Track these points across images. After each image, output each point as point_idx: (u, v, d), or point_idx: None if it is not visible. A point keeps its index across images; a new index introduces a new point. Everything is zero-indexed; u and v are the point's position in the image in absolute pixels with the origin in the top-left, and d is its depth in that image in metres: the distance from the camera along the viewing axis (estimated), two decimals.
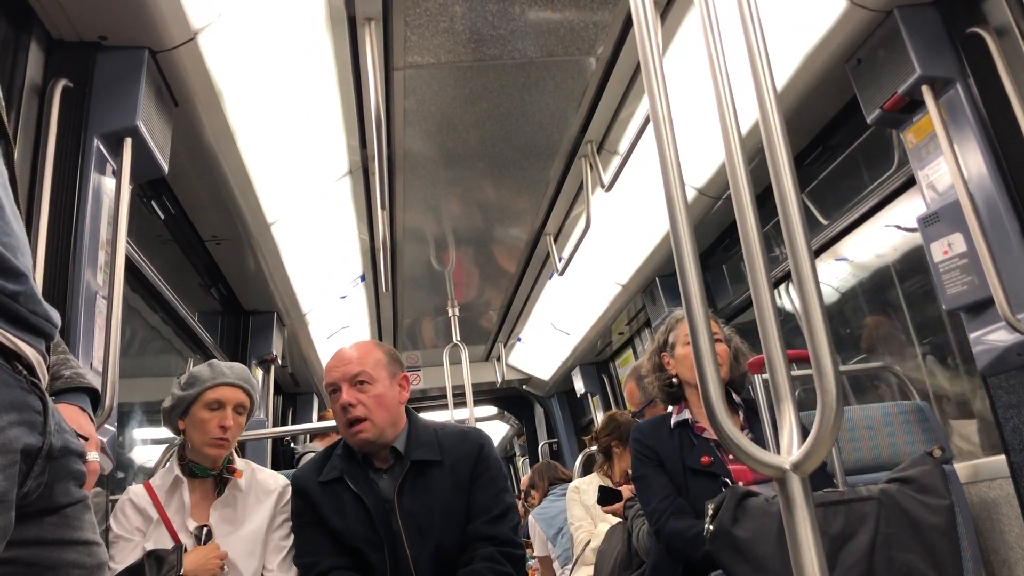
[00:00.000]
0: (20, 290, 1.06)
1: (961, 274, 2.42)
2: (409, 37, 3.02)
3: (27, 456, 1.05)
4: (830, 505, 2.14)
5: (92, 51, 2.32)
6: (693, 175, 3.77)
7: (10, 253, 1.05)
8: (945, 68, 2.44)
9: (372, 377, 2.34)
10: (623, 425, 3.78)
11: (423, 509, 2.28)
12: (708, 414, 1.08)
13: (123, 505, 2.35)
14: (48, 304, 1.15)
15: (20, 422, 1.04)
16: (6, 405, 1.02)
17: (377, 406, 2.33)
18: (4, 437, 1.00)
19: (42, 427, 1.08)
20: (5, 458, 0.99)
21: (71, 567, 1.13)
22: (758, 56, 1.14)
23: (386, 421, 2.34)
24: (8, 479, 1.00)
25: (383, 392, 2.35)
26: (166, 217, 3.36)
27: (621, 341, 6.76)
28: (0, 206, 1.07)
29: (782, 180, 1.08)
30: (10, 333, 1.05)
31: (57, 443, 1.12)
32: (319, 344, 5.68)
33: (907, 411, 2.85)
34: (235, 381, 2.40)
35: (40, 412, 1.09)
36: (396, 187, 4.21)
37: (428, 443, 2.38)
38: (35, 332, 1.11)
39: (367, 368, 2.35)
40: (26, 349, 1.08)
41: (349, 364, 2.37)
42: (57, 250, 2.12)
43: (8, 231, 1.07)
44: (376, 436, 2.33)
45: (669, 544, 2.40)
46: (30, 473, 1.06)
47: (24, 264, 1.08)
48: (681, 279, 1.13)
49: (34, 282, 1.11)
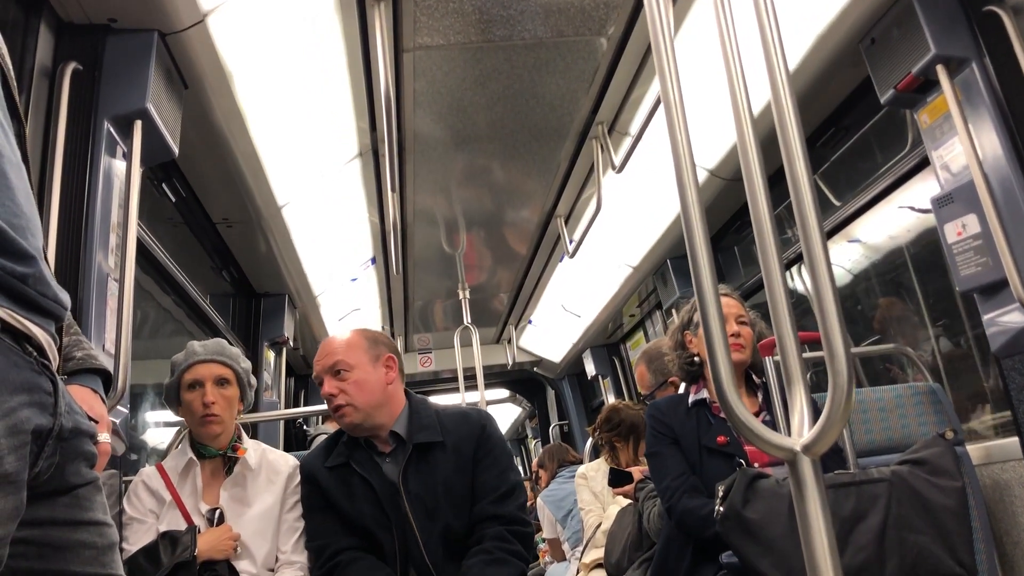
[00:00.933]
0: (29, 272, 1.06)
1: (975, 255, 2.40)
2: (419, 18, 3.00)
3: (38, 437, 1.06)
4: (841, 487, 2.14)
5: (101, 34, 2.32)
6: (705, 156, 3.74)
7: (19, 235, 1.05)
8: (960, 47, 2.41)
9: (349, 364, 2.37)
10: (624, 421, 3.71)
11: (428, 491, 2.30)
12: (718, 394, 1.08)
13: (136, 487, 2.37)
14: (59, 286, 1.15)
15: (30, 403, 1.04)
16: (16, 386, 1.02)
17: (358, 391, 2.35)
18: (15, 418, 1.01)
19: (52, 408, 1.09)
20: (16, 439, 1.00)
21: (83, 547, 1.14)
22: (770, 36, 1.13)
23: (369, 404, 2.35)
24: (20, 459, 1.01)
25: (363, 377, 2.37)
26: (177, 200, 3.36)
27: (632, 323, 6.75)
28: (10, 186, 1.07)
29: (794, 162, 1.07)
30: (19, 315, 1.05)
31: (68, 424, 1.12)
32: (330, 326, 5.69)
33: (919, 393, 2.84)
34: (207, 356, 2.41)
35: (50, 393, 1.09)
36: (406, 169, 4.20)
37: (430, 426, 2.39)
38: (45, 314, 1.11)
39: (342, 357, 2.38)
40: (36, 331, 1.08)
41: (327, 356, 2.40)
42: (68, 233, 2.13)
43: (17, 212, 1.07)
44: (362, 419, 2.35)
45: (681, 521, 2.41)
46: (41, 454, 1.06)
47: (34, 245, 1.08)
48: (692, 261, 1.12)
49: (45, 263, 1.12)
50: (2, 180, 1.05)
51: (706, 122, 3.27)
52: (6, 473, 0.97)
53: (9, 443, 0.98)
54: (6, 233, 1.03)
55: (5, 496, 0.98)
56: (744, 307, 2.63)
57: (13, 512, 1.00)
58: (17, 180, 1.09)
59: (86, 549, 1.14)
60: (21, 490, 1.01)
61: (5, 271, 1.03)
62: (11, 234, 1.03)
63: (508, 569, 2.22)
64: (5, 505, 0.98)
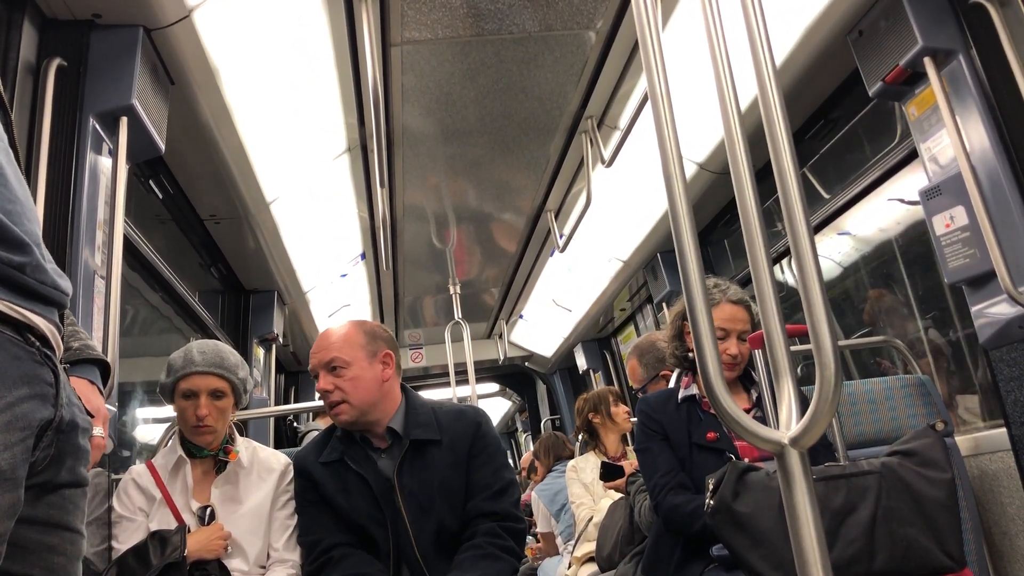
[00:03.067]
0: (25, 261, 1.04)
1: (963, 247, 2.41)
2: (406, 12, 2.99)
3: (39, 428, 1.04)
4: (831, 479, 2.15)
5: (86, 29, 2.30)
6: (694, 149, 3.74)
7: (13, 222, 1.03)
8: (947, 39, 2.41)
9: (346, 361, 2.35)
10: (590, 398, 3.86)
11: (423, 488, 2.30)
12: (706, 388, 1.08)
13: (126, 485, 2.36)
14: (58, 270, 1.13)
15: (32, 395, 1.03)
16: (16, 380, 1.01)
17: (354, 388, 2.33)
18: (18, 411, 0.99)
19: (54, 399, 1.07)
20: (15, 435, 0.98)
21: (52, 552, 1.10)
22: (757, 29, 1.12)
23: (365, 401, 2.34)
24: (23, 453, 0.99)
25: (359, 374, 2.35)
26: (164, 196, 3.34)
27: (623, 317, 6.76)
28: (3, 173, 1.05)
29: (781, 156, 1.07)
30: (19, 305, 1.03)
31: (67, 416, 1.10)
32: (320, 323, 5.68)
33: (909, 385, 2.86)
34: (205, 368, 2.37)
35: (52, 384, 1.07)
36: (395, 164, 4.18)
37: (426, 423, 2.38)
38: (46, 302, 1.09)
39: (339, 353, 2.35)
40: (37, 320, 1.06)
41: (323, 351, 2.38)
42: (54, 231, 2.11)
43: (11, 198, 1.05)
44: (357, 416, 2.34)
45: (667, 518, 2.41)
46: (38, 445, 1.05)
47: (29, 231, 1.06)
48: (679, 255, 1.12)
49: (41, 249, 1.10)
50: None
51: (695, 116, 3.27)
52: (1, 470, 0.96)
53: (5, 439, 0.97)
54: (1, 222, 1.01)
55: (2, 493, 0.96)
56: (754, 315, 2.55)
57: (10, 509, 0.98)
58: (8, 166, 1.07)
59: (56, 555, 1.10)
60: (19, 487, 0.99)
61: (2, 261, 1.01)
62: (6, 222, 1.01)
63: (500, 564, 2.23)
64: (1, 502, 0.96)
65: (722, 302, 2.49)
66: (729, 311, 2.48)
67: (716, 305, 2.49)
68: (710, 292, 2.55)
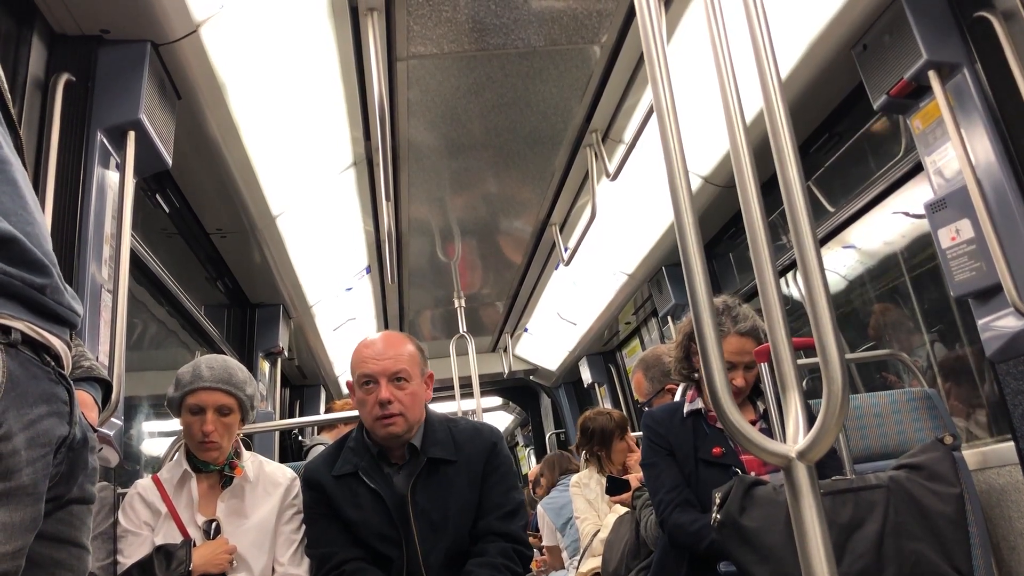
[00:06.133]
0: (46, 283, 1.06)
1: (969, 260, 2.40)
2: (412, 27, 3.00)
3: (57, 445, 1.05)
4: (839, 493, 2.14)
5: (94, 45, 2.31)
6: (699, 163, 3.75)
7: (33, 244, 1.04)
8: (952, 53, 2.42)
9: (410, 375, 2.34)
10: (596, 432, 3.74)
11: (437, 506, 2.29)
12: (713, 402, 1.08)
13: (131, 499, 2.36)
14: (72, 291, 1.14)
15: (51, 413, 1.04)
16: (37, 397, 1.02)
17: (412, 404, 2.33)
18: (39, 428, 1.00)
19: (69, 417, 1.09)
20: (41, 449, 1.00)
21: (60, 567, 1.11)
22: (762, 43, 1.13)
23: (416, 418, 2.35)
24: (44, 468, 1.00)
25: (416, 391, 2.35)
26: (171, 210, 3.36)
27: (628, 331, 6.75)
28: (22, 195, 1.06)
29: (787, 169, 1.07)
30: (38, 326, 1.05)
31: (79, 434, 1.12)
32: (326, 336, 5.68)
33: (915, 398, 2.84)
34: (213, 384, 2.34)
35: (67, 402, 1.09)
36: (400, 178, 4.20)
37: (444, 441, 2.38)
38: (61, 323, 1.11)
39: (407, 366, 2.34)
40: (53, 340, 1.08)
41: (390, 360, 2.33)
42: (62, 245, 2.12)
43: (30, 220, 1.06)
44: (405, 431, 2.33)
45: (672, 537, 2.40)
46: (52, 461, 1.06)
47: (48, 252, 1.08)
48: (686, 269, 1.12)
49: (57, 270, 1.11)
50: (13, 188, 1.05)
51: (700, 129, 3.27)
52: (23, 485, 0.97)
53: (28, 455, 0.98)
54: (23, 244, 1.02)
55: (23, 508, 0.97)
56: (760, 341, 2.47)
57: (31, 524, 0.99)
58: (26, 188, 1.09)
59: (63, 571, 1.12)
60: (39, 502, 1.00)
61: (25, 283, 1.02)
62: (28, 244, 1.03)
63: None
64: (23, 517, 0.97)
65: (730, 334, 2.45)
66: (736, 344, 2.45)
67: (724, 337, 2.44)
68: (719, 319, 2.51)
